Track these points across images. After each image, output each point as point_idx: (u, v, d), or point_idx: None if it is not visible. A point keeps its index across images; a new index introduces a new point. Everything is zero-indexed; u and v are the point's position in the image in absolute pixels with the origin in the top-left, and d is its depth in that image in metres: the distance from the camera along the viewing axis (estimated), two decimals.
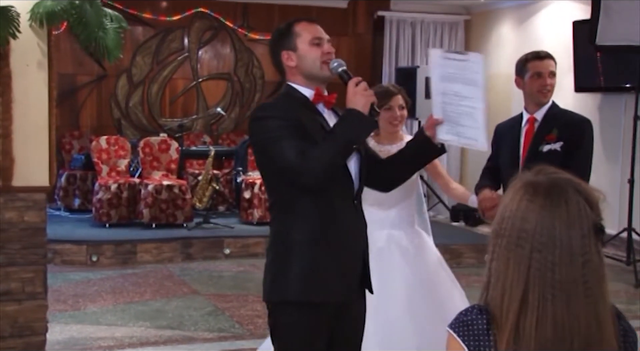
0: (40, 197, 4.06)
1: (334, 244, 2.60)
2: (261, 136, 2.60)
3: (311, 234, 2.58)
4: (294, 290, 2.57)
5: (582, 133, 3.69)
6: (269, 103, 2.85)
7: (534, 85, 3.72)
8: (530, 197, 1.48)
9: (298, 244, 2.58)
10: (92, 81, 10.06)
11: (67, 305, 5.89)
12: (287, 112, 2.61)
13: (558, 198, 1.46)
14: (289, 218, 2.61)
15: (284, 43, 2.71)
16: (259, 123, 2.62)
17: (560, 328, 1.43)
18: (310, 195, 2.56)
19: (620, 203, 7.36)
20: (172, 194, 8.29)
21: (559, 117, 3.74)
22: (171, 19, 10.16)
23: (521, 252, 1.47)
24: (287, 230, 2.61)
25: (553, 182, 1.49)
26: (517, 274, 1.47)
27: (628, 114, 7.51)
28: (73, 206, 9.23)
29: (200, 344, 5.04)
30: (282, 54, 2.71)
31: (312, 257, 2.57)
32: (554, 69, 3.73)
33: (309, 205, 2.58)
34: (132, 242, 7.66)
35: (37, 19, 3.85)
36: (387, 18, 10.58)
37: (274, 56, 2.76)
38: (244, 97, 10.74)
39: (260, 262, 7.67)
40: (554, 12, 8.97)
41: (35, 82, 4.00)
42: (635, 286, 6.52)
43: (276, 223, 2.68)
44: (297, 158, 2.47)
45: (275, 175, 2.63)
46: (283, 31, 2.74)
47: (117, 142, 8.95)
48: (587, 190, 1.48)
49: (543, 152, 3.61)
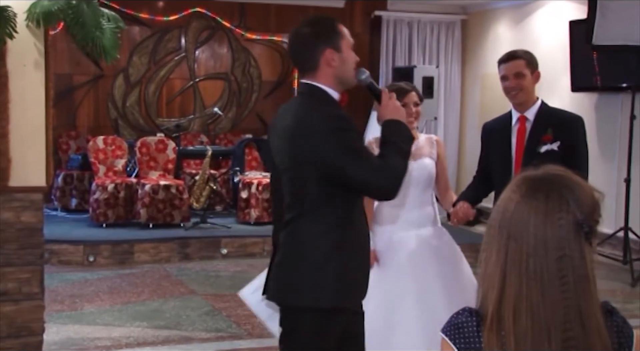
0: (37, 197, 4.06)
1: (359, 250, 2.68)
2: (338, 149, 2.49)
3: (340, 242, 2.60)
4: (329, 296, 2.58)
5: (577, 131, 3.69)
6: (332, 111, 2.60)
7: (502, 87, 3.74)
8: (516, 188, 1.51)
9: (330, 252, 2.59)
10: (89, 81, 10.06)
11: (64, 305, 5.88)
12: (349, 119, 2.57)
13: (540, 191, 1.47)
14: (319, 226, 2.60)
15: (330, 40, 2.60)
16: (340, 135, 2.50)
17: (537, 319, 1.44)
18: (341, 204, 2.58)
19: (617, 202, 7.37)
20: (169, 194, 8.28)
21: (551, 116, 3.73)
22: (168, 19, 10.16)
23: (500, 240, 1.49)
24: (316, 236, 2.60)
25: (543, 176, 1.51)
26: (496, 261, 1.49)
27: (624, 114, 7.53)
28: (70, 206, 9.22)
29: (198, 344, 5.04)
30: (326, 51, 2.59)
31: (344, 264, 2.60)
32: (520, 69, 3.67)
33: (339, 214, 2.60)
34: (129, 242, 7.65)
35: (33, 19, 3.85)
36: (384, 18, 10.58)
37: (311, 49, 2.61)
38: (241, 96, 10.74)
39: (257, 262, 7.71)
40: (551, 11, 8.98)
41: (32, 82, 4.00)
42: (631, 285, 6.53)
43: (302, 227, 2.64)
44: (377, 172, 2.48)
45: (329, 186, 2.56)
46: (329, 27, 2.62)
47: (114, 142, 8.94)
48: (580, 188, 1.48)
49: (541, 153, 3.61)
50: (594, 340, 1.44)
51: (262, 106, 10.82)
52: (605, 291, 5.94)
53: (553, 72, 8.24)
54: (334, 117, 2.56)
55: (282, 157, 2.69)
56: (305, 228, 2.63)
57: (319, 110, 2.57)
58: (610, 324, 1.50)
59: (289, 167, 2.65)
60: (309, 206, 2.62)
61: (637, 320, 5.43)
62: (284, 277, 2.67)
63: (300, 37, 2.66)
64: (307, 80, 2.65)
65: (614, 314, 1.53)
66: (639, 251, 7.14)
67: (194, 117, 10.47)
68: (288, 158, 2.64)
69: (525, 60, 3.69)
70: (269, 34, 10.64)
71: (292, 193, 2.67)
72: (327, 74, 2.61)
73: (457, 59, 10.71)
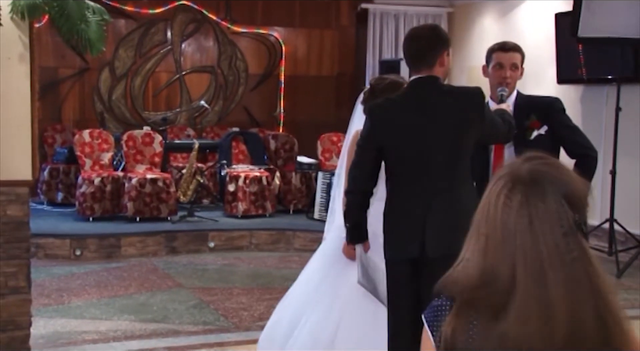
0: (23, 191, 4.04)
1: (404, 215, 3.21)
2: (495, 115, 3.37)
3: (393, 208, 3.26)
4: (385, 250, 3.28)
5: (559, 112, 3.78)
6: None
7: (495, 75, 3.75)
8: (508, 192, 1.50)
9: (386, 215, 3.27)
10: (75, 74, 10.01)
11: (51, 299, 5.87)
12: None
13: (534, 195, 1.47)
14: (388, 194, 3.29)
15: (448, 46, 3.29)
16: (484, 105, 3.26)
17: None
18: (401, 177, 3.23)
19: (603, 194, 7.41)
20: (156, 188, 8.26)
21: (529, 103, 3.78)
22: (154, 12, 10.12)
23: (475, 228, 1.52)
24: (385, 201, 3.30)
25: (532, 177, 1.49)
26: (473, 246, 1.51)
27: (610, 106, 7.56)
28: (56, 200, 9.19)
29: (185, 337, 5.04)
30: (445, 52, 3.26)
31: (391, 225, 3.25)
32: (517, 62, 3.73)
33: (396, 185, 3.26)
34: (116, 236, 7.64)
35: (18, 12, 3.82)
36: (370, 10, 10.58)
37: (437, 48, 3.24)
38: (228, 90, 10.71)
39: (244, 255, 7.72)
40: (537, 4, 9.01)
41: (17, 75, 3.97)
42: (617, 277, 6.58)
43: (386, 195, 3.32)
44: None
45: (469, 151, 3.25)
46: (446, 34, 3.44)
47: (100, 135, 8.90)
48: (570, 179, 1.49)
49: (532, 140, 3.64)
50: (624, 339, 1.45)
51: (248, 99, 10.81)
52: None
53: (539, 64, 8.27)
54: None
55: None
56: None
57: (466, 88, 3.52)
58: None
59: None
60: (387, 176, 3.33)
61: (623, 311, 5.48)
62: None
63: (429, 40, 3.28)
64: (432, 73, 3.23)
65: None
66: (624, 242, 7.18)
67: (180, 110, 10.44)
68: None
69: (522, 55, 3.78)
70: (255, 27, 10.62)
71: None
72: (441, 70, 3.26)
73: None
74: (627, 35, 6.84)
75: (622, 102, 7.07)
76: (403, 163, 3.22)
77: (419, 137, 3.17)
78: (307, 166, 9.39)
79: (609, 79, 7.53)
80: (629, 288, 6.28)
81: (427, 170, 3.17)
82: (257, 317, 5.44)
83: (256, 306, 5.74)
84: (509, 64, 3.72)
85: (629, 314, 4.62)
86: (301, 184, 9.30)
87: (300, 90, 10.85)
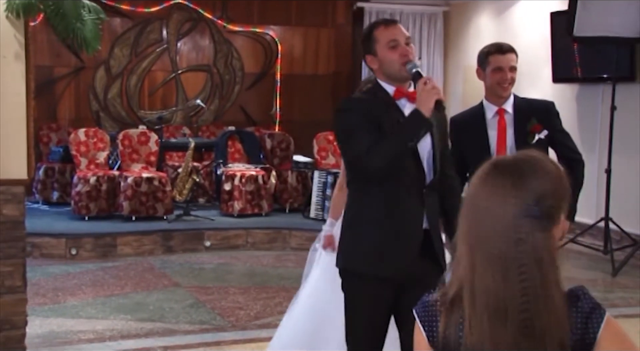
0: (19, 190, 4.03)
1: (396, 226, 2.88)
2: (339, 127, 2.94)
3: (377, 216, 2.88)
4: (363, 263, 2.90)
5: (556, 116, 3.84)
6: (354, 97, 3.27)
7: (494, 78, 3.73)
8: (482, 173, 1.56)
9: (367, 223, 2.91)
10: (70, 73, 9.99)
11: (47, 299, 5.86)
12: (368, 107, 2.90)
13: (503, 175, 1.53)
14: (362, 197, 2.94)
15: (367, 48, 3.00)
16: (339, 115, 2.93)
17: (493, 301, 1.49)
18: (378, 182, 2.86)
19: (598, 193, 7.42)
20: (152, 187, 8.25)
21: (528, 106, 3.81)
22: (149, 10, 10.11)
23: (464, 224, 1.56)
24: (359, 208, 2.94)
25: (511, 161, 1.56)
26: (463, 243, 1.55)
27: (605, 104, 7.57)
28: (51, 199, 9.17)
29: (182, 336, 5.03)
30: (367, 58, 3.02)
31: (377, 236, 2.88)
32: (514, 63, 3.74)
33: (377, 190, 2.88)
34: (112, 235, 7.63)
35: (13, 11, 3.81)
36: (366, 9, 10.58)
37: (363, 58, 3.11)
38: (224, 88, 10.71)
39: (240, 254, 7.72)
40: (532, 3, 9.02)
41: (13, 74, 3.96)
42: (612, 275, 6.59)
43: (351, 198, 3.01)
44: (364, 153, 2.77)
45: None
46: (365, 37, 3.03)
47: (96, 134, 8.89)
48: (544, 172, 1.54)
49: (533, 144, 3.65)
50: (550, 323, 1.46)
51: (244, 98, 10.80)
52: (586, 281, 6.00)
53: (534, 63, 8.28)
54: (353, 101, 3.17)
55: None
56: (349, 197, 3.06)
57: (353, 97, 3.39)
58: (575, 309, 1.51)
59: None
60: (349, 177, 3.07)
61: (618, 309, 5.49)
62: (340, 239, 3.11)
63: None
64: (376, 78, 3.05)
65: (582, 299, 1.53)
66: (619, 241, 7.20)
67: (176, 109, 10.43)
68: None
69: (517, 56, 3.78)
70: (251, 26, 10.61)
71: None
72: (378, 73, 3.01)
73: (439, 50, 10.74)
74: (622, 34, 6.86)
75: (617, 101, 7.08)
76: None
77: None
78: (303, 165, 9.39)
79: (604, 78, 7.54)
80: (625, 286, 6.29)
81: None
82: (254, 316, 5.44)
83: (252, 305, 5.74)
84: (508, 66, 3.72)
85: (626, 312, 4.64)
86: (297, 183, 9.30)
87: (297, 89, 10.85)
